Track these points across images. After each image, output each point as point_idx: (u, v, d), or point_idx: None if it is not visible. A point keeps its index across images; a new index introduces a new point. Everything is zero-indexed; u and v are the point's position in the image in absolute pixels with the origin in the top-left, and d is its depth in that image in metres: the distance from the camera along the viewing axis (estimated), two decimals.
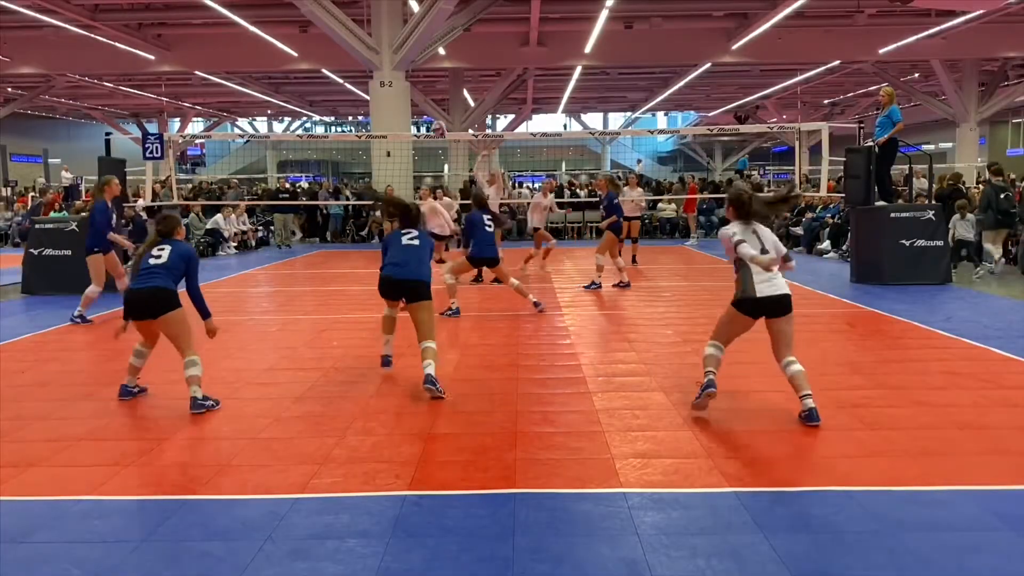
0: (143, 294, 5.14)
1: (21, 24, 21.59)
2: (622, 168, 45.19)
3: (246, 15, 20.09)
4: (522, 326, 8.08)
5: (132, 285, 5.26)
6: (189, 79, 30.90)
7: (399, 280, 5.75)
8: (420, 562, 3.12)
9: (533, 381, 5.86)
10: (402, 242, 5.88)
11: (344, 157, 54.08)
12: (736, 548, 3.18)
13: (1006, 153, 34.46)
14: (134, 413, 5.16)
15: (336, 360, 6.66)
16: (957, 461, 4.13)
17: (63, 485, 3.94)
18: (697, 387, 5.00)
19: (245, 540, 3.30)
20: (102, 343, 7.65)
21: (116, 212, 10.06)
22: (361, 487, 3.86)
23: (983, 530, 3.33)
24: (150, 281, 5.15)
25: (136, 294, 5.19)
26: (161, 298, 5.11)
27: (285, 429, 4.81)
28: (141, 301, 5.17)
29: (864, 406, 5.06)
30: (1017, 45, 24.52)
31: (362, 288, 11.33)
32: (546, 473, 4.01)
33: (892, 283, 10.60)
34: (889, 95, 11.40)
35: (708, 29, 24.31)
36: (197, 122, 47.92)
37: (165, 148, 13.08)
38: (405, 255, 5.80)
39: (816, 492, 3.72)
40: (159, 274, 5.16)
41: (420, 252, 5.86)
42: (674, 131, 49.40)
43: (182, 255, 5.30)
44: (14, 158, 39.47)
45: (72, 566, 3.11)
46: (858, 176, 11.22)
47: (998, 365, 6.16)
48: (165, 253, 5.25)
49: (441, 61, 24.59)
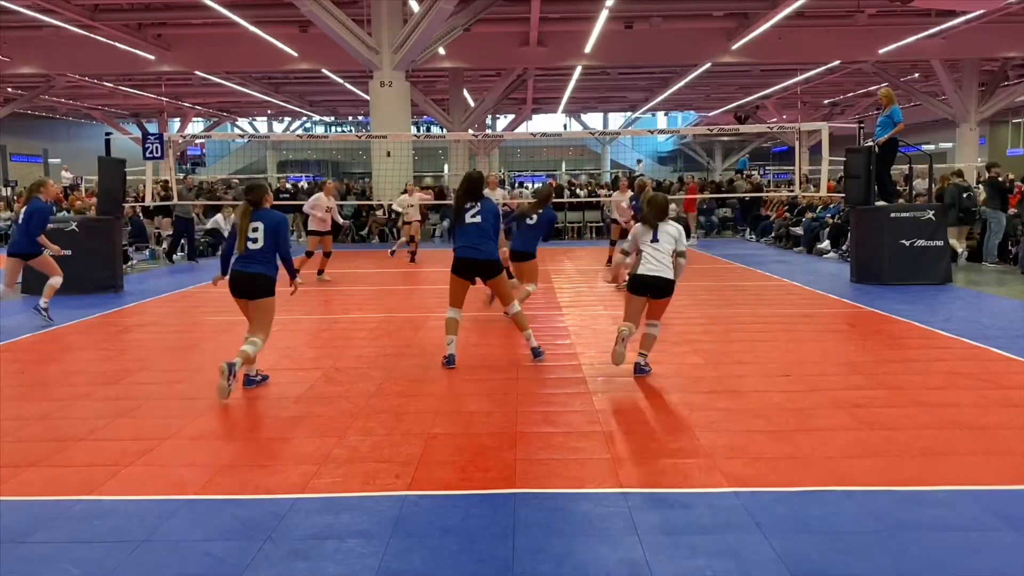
0: (244, 277, 5.63)
1: (21, 24, 21.60)
2: (622, 168, 45.19)
3: (246, 15, 20.09)
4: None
5: (236, 266, 5.67)
6: (189, 79, 30.91)
7: (472, 260, 6.14)
8: (420, 562, 3.12)
9: (533, 381, 5.86)
10: (466, 220, 6.18)
11: (344, 157, 54.11)
12: (736, 548, 3.18)
13: (1006, 153, 34.46)
14: (134, 413, 5.16)
15: (336, 360, 6.66)
16: (957, 461, 4.13)
17: (63, 485, 3.94)
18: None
19: (245, 540, 3.30)
20: (102, 343, 7.66)
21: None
22: (361, 487, 3.86)
23: (983, 530, 3.33)
24: (251, 267, 5.60)
25: (239, 276, 5.66)
26: (260, 283, 5.63)
27: (285, 429, 4.81)
28: (242, 283, 5.66)
29: (864, 406, 5.06)
30: (1017, 45, 24.53)
31: (362, 288, 11.33)
32: (546, 473, 4.01)
33: (892, 283, 10.60)
34: (888, 96, 11.41)
35: (708, 29, 24.31)
36: (197, 122, 47.93)
37: (165, 148, 13.07)
38: (473, 237, 6.14)
39: (816, 492, 3.72)
40: (259, 260, 5.61)
41: (484, 227, 6.17)
42: (674, 131, 49.42)
43: (273, 230, 5.65)
44: (14, 158, 39.48)
45: (72, 566, 3.11)
46: (858, 176, 11.23)
47: (998, 365, 6.16)
48: (260, 235, 5.61)
49: (441, 61, 24.60)
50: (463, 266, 6.21)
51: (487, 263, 6.19)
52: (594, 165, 55.19)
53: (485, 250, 6.16)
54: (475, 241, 6.14)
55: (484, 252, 6.15)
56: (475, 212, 6.20)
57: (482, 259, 6.15)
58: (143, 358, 6.88)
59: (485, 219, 6.19)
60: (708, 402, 5.24)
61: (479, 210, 6.21)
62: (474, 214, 6.19)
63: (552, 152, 53.69)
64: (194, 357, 6.90)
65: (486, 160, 39.22)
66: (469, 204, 6.25)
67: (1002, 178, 14.04)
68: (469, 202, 6.27)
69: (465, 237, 6.20)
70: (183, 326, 8.52)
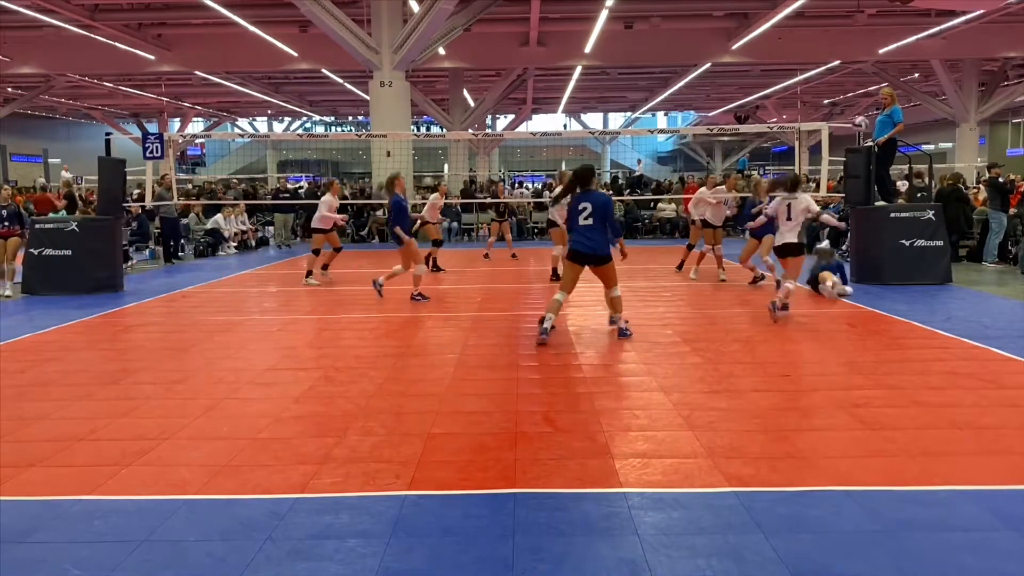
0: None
1: (21, 24, 21.61)
2: (622, 168, 45.18)
3: (246, 15, 20.09)
4: (522, 326, 8.08)
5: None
6: (189, 79, 30.92)
7: (586, 253, 7.17)
8: (420, 562, 3.12)
9: (533, 381, 5.86)
10: (579, 222, 7.13)
11: (344, 157, 54.14)
12: (736, 548, 3.18)
13: (1006, 153, 34.47)
14: (134, 413, 5.16)
15: (336, 360, 6.66)
16: (957, 461, 4.13)
17: (63, 485, 3.94)
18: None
19: (245, 540, 3.30)
20: (102, 343, 7.66)
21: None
22: (361, 487, 3.86)
23: (983, 530, 3.33)
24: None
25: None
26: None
27: (285, 429, 4.80)
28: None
29: (864, 406, 5.06)
30: (1017, 45, 24.53)
31: (362, 288, 11.33)
32: (546, 473, 4.01)
33: (892, 283, 10.60)
34: (890, 95, 11.42)
35: (708, 29, 24.32)
36: (197, 122, 47.96)
37: (165, 148, 13.07)
38: (586, 235, 7.14)
39: (816, 492, 3.72)
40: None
41: (597, 226, 7.12)
42: (674, 131, 49.45)
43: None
44: (14, 158, 39.52)
45: (72, 566, 3.11)
46: (858, 176, 11.23)
47: (998, 365, 6.16)
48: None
49: (441, 61, 24.61)
50: (577, 256, 7.22)
51: (596, 256, 7.17)
52: (594, 165, 55.12)
53: (595, 244, 7.12)
54: (586, 237, 7.13)
55: (594, 246, 7.13)
56: (587, 215, 7.08)
57: (591, 252, 7.15)
58: (143, 358, 6.89)
59: (596, 218, 7.08)
60: (708, 402, 5.24)
61: (590, 212, 7.07)
62: (586, 216, 7.08)
63: (552, 152, 53.70)
64: (194, 357, 6.90)
65: (486, 160, 39.25)
66: (582, 206, 7.10)
67: (1003, 178, 14.06)
68: (582, 203, 7.12)
69: (578, 233, 7.16)
70: (183, 326, 8.52)
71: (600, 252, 7.13)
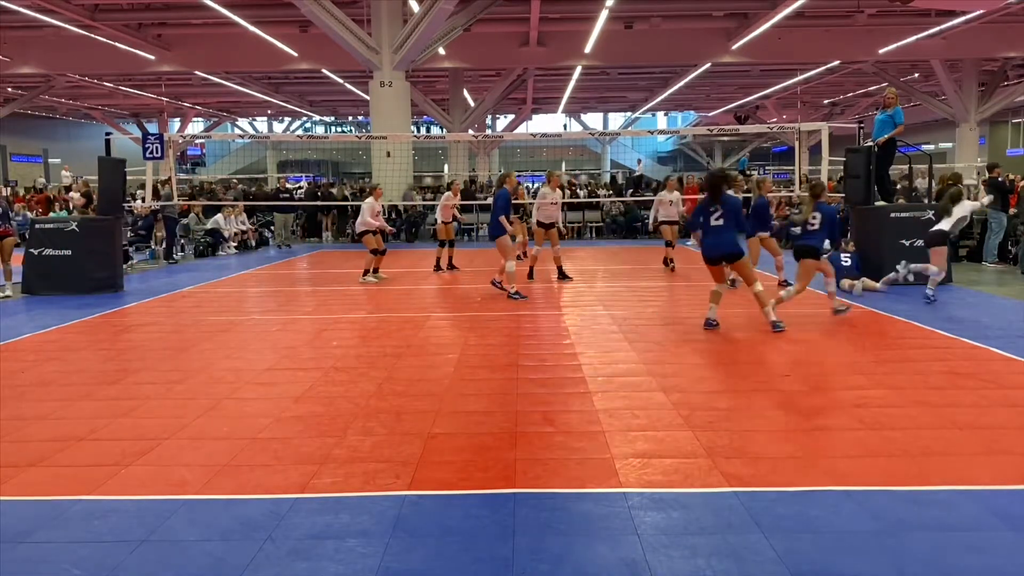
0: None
1: (21, 24, 21.62)
2: (622, 168, 45.19)
3: (246, 15, 20.10)
4: (522, 326, 8.08)
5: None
6: (189, 79, 30.92)
7: (717, 256, 7.71)
8: (420, 562, 3.12)
9: (533, 381, 5.86)
10: (711, 223, 7.63)
11: (344, 157, 54.14)
12: (736, 548, 3.18)
13: (1006, 153, 34.48)
14: (134, 413, 5.16)
15: (336, 360, 6.66)
16: (957, 461, 4.13)
17: (63, 485, 3.94)
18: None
19: (245, 540, 3.30)
20: (102, 343, 7.65)
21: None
22: (361, 487, 3.86)
23: (983, 530, 3.33)
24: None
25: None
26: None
27: (285, 429, 4.80)
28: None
29: (864, 406, 5.06)
30: (1017, 45, 24.54)
31: (362, 288, 11.33)
32: (546, 473, 4.01)
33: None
34: (895, 96, 11.46)
35: (708, 29, 24.33)
36: (197, 122, 47.97)
37: (165, 148, 13.07)
38: (717, 236, 7.62)
39: (816, 492, 3.72)
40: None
41: (728, 227, 7.60)
42: (674, 131, 49.45)
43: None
44: (14, 158, 39.51)
45: (72, 566, 3.11)
46: (858, 176, 11.23)
47: (998, 365, 6.16)
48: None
49: (441, 61, 24.61)
50: (711, 258, 7.78)
51: (729, 254, 7.69)
52: (594, 165, 55.20)
53: (726, 243, 7.61)
54: (718, 239, 7.62)
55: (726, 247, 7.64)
56: (718, 216, 7.56)
57: (725, 251, 7.67)
58: (143, 358, 6.89)
59: (726, 223, 7.59)
60: (708, 402, 5.24)
61: (720, 213, 7.56)
62: (717, 218, 7.56)
63: (552, 152, 53.74)
64: (194, 357, 6.90)
65: (486, 160, 39.24)
66: (713, 208, 7.58)
67: (1002, 178, 14.06)
68: (713, 205, 7.59)
69: (710, 236, 7.66)
70: (183, 326, 8.52)
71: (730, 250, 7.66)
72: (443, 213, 13.13)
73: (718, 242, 7.63)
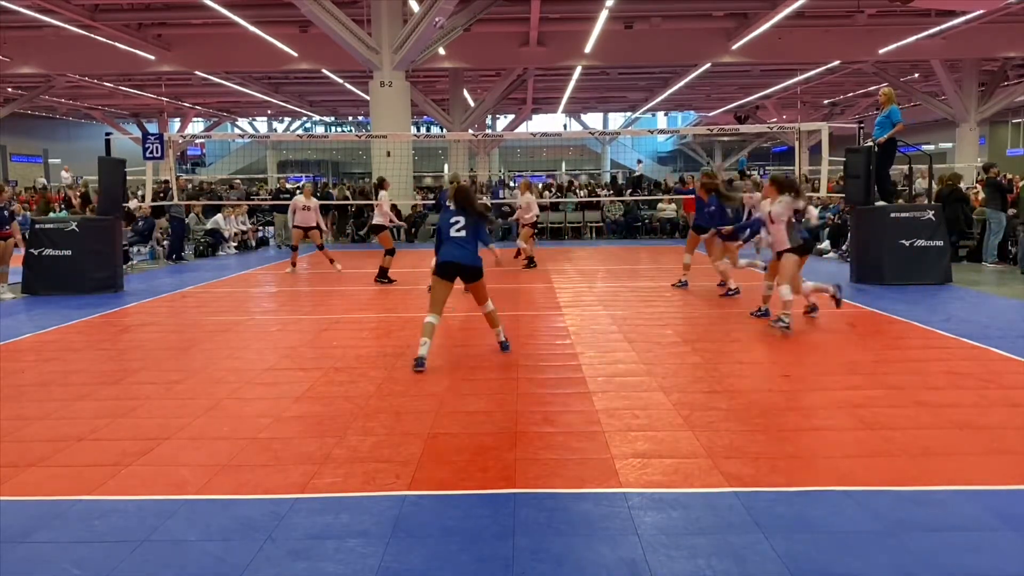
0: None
1: (21, 24, 21.62)
2: (622, 168, 45.19)
3: (246, 15, 20.10)
4: (522, 326, 8.08)
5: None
6: (189, 79, 30.92)
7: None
8: (420, 562, 3.11)
9: (533, 381, 5.86)
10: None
11: (344, 157, 54.17)
12: (736, 548, 3.18)
13: (1006, 153, 34.48)
14: (134, 413, 5.16)
15: (336, 360, 6.66)
16: (957, 461, 4.13)
17: (63, 485, 3.94)
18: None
19: (245, 540, 3.30)
20: (102, 343, 7.65)
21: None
22: (361, 487, 3.86)
23: (983, 530, 3.33)
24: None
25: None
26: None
27: (285, 429, 4.80)
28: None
29: (864, 406, 5.06)
30: (1017, 45, 24.54)
31: (362, 288, 11.33)
32: (546, 473, 4.00)
33: (892, 283, 10.60)
34: (888, 96, 11.43)
35: (708, 29, 24.33)
36: (197, 122, 47.97)
37: (165, 148, 13.07)
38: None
39: (816, 492, 3.72)
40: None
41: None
42: (674, 131, 49.40)
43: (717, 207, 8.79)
44: (14, 158, 39.51)
45: (72, 566, 3.11)
46: (858, 176, 11.23)
47: (998, 365, 6.16)
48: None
49: (441, 61, 24.61)
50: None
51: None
52: (594, 165, 55.22)
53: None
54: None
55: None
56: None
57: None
58: (143, 358, 6.88)
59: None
60: (708, 402, 5.24)
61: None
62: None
63: (552, 152, 53.74)
64: (194, 357, 6.90)
65: (486, 160, 39.25)
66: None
67: (1000, 177, 14.05)
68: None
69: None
70: (183, 326, 8.52)
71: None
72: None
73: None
